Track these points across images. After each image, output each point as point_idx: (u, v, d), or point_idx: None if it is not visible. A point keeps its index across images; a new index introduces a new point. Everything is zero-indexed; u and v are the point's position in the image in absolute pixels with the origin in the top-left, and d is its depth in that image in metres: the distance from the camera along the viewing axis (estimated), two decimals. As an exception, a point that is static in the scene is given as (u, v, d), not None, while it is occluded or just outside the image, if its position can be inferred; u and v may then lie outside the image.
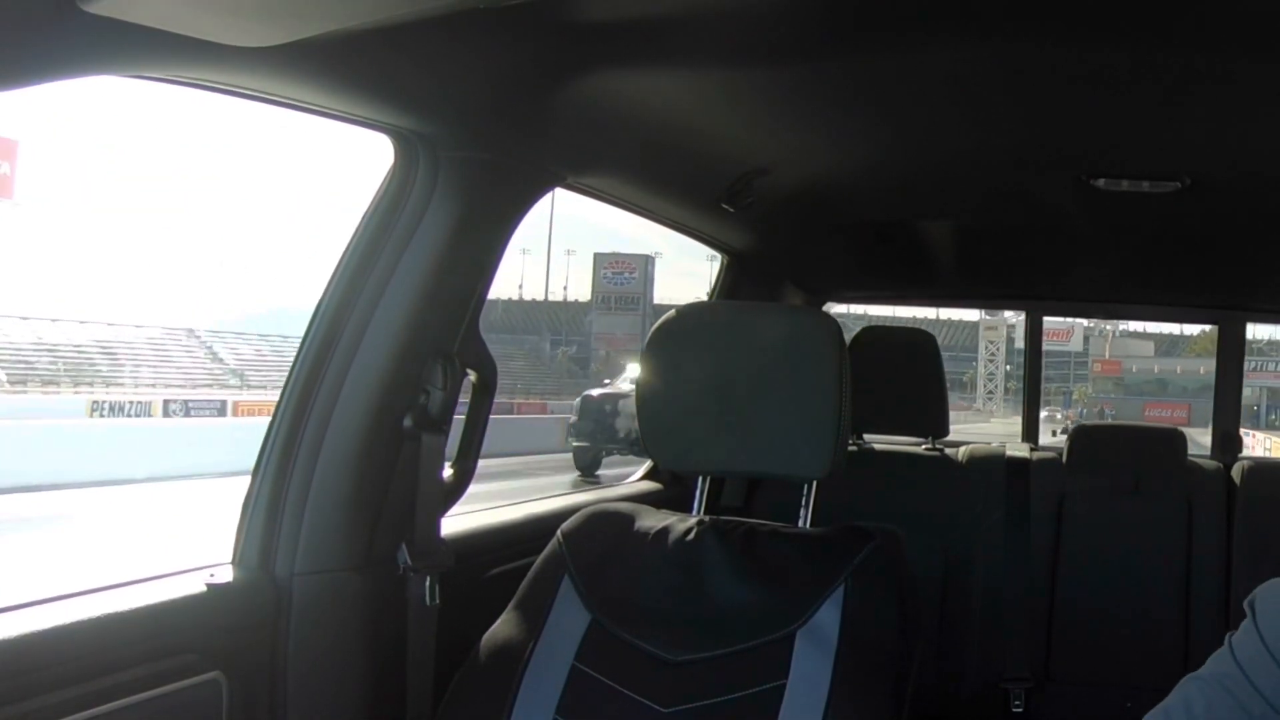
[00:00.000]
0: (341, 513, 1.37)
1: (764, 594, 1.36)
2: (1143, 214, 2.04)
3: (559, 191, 1.61)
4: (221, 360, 32.89)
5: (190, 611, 1.23)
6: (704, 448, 1.43)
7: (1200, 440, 3.76)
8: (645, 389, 1.44)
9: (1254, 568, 2.43)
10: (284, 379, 1.40)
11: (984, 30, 1.27)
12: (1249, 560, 2.46)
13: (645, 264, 47.84)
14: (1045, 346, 3.24)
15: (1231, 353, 2.95)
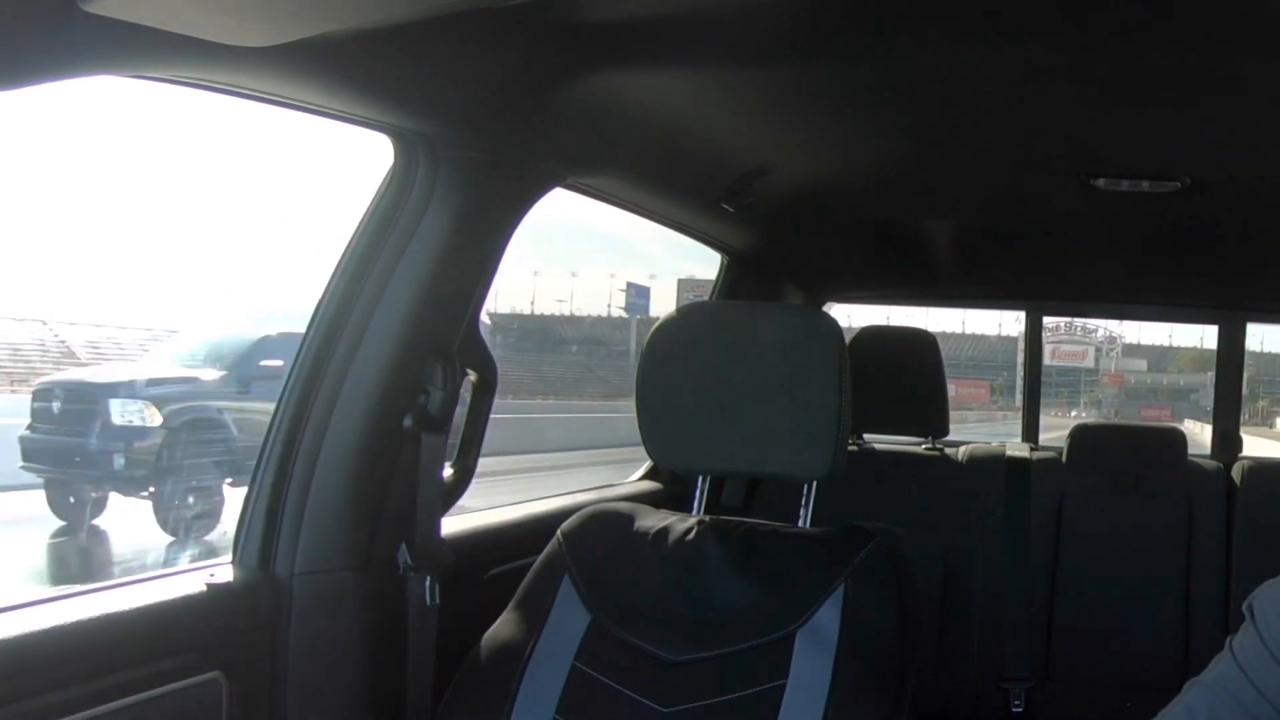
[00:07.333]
0: (341, 513, 1.37)
1: (764, 594, 1.36)
2: (1143, 214, 2.04)
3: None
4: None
5: (190, 611, 1.23)
6: (704, 448, 1.43)
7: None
8: (645, 389, 1.44)
9: (1254, 567, 2.43)
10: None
11: (984, 30, 1.27)
12: (1249, 560, 2.46)
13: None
14: (1064, 364, 3.29)
15: (1231, 353, 2.95)
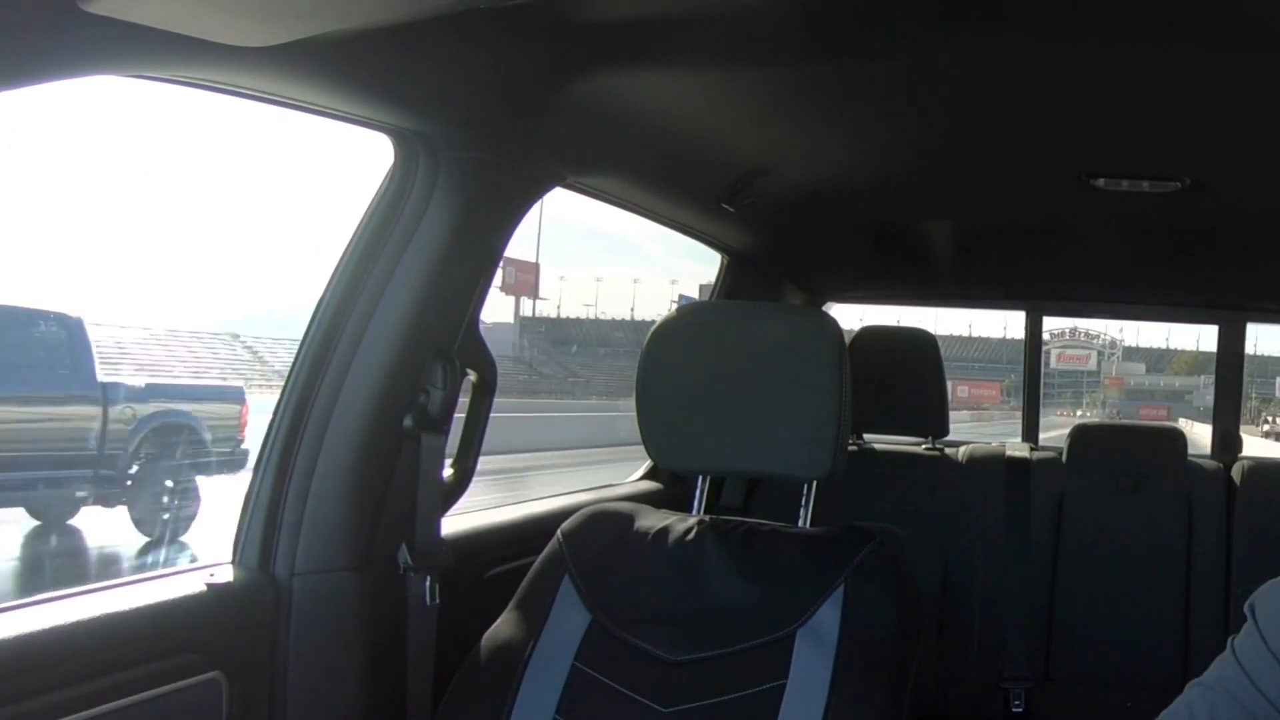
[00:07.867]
0: (341, 513, 1.37)
1: (764, 594, 1.35)
2: (1143, 214, 2.04)
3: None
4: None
5: (190, 611, 1.23)
6: (703, 448, 1.43)
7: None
8: (645, 389, 1.44)
9: (1254, 568, 2.43)
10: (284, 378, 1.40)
11: (984, 30, 1.27)
12: (1249, 560, 2.46)
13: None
14: (1067, 367, 3.29)
15: (1231, 353, 2.95)
